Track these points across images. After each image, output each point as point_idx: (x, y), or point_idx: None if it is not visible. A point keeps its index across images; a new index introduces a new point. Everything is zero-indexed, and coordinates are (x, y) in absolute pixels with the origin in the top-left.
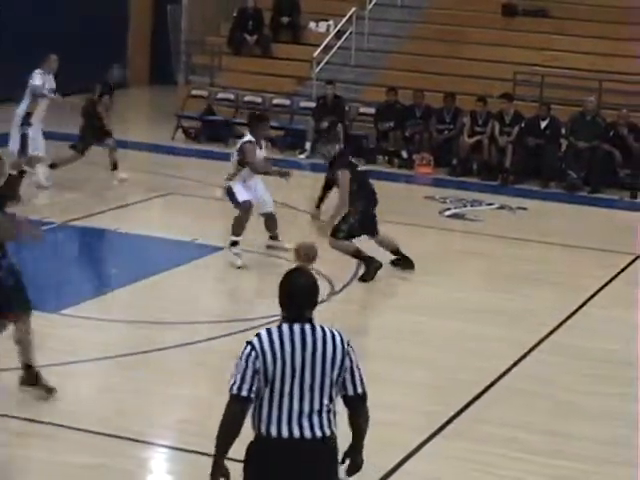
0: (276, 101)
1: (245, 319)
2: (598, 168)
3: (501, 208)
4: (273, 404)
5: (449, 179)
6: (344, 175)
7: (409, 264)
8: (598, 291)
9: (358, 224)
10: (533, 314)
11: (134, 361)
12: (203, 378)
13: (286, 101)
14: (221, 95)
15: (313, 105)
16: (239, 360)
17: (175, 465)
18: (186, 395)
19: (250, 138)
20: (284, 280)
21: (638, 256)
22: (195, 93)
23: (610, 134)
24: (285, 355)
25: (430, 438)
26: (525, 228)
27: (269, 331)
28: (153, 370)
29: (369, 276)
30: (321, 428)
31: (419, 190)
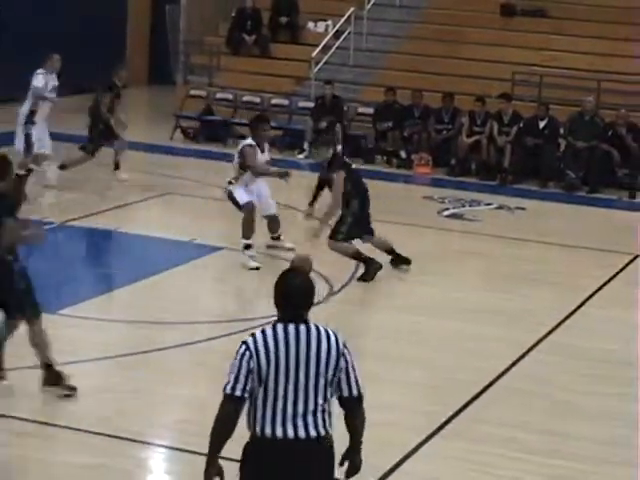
0: (275, 101)
1: (245, 319)
2: (596, 168)
3: (500, 208)
4: (267, 404)
5: (448, 179)
6: (339, 177)
7: (404, 260)
8: (597, 291)
9: (355, 224)
10: (531, 314)
11: (133, 361)
12: (203, 378)
13: (285, 101)
14: (220, 95)
15: (312, 105)
16: (234, 360)
17: (174, 465)
18: (186, 395)
19: (251, 142)
20: (280, 280)
21: (637, 256)
22: (194, 93)
23: (608, 134)
24: (279, 355)
25: (428, 438)
26: (524, 228)
27: (264, 331)
28: (153, 370)
29: (369, 276)
30: (316, 428)
31: (418, 190)
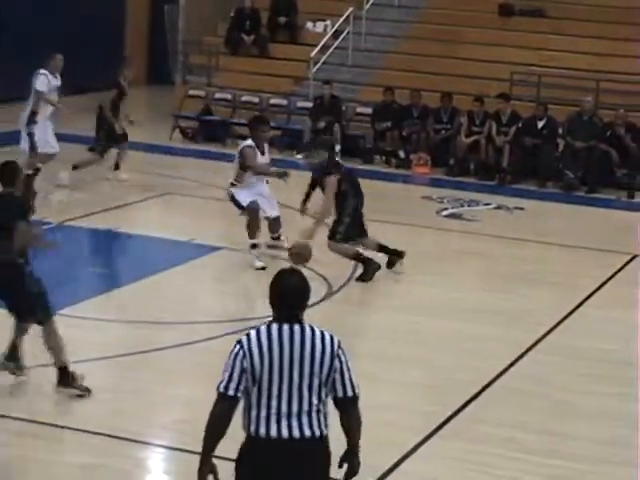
0: (273, 101)
1: (244, 319)
2: (595, 168)
3: (498, 208)
4: (262, 404)
5: (446, 179)
6: (330, 182)
7: (397, 253)
8: (595, 291)
9: (352, 225)
10: (530, 314)
11: (132, 361)
12: (201, 378)
13: (283, 101)
14: (218, 95)
15: (310, 105)
16: (228, 359)
17: (173, 465)
18: (184, 395)
19: (250, 143)
20: (275, 280)
21: (635, 256)
22: (192, 93)
23: (607, 134)
24: (273, 355)
25: (427, 438)
26: (522, 228)
27: (258, 331)
28: (151, 370)
29: (367, 276)
30: (311, 428)
31: (416, 190)
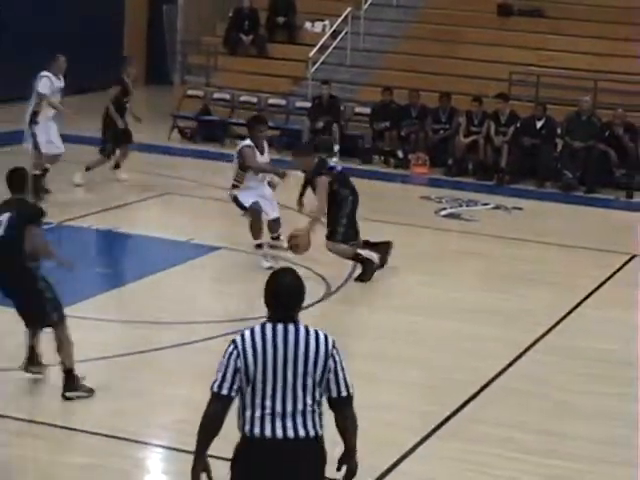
0: (272, 101)
1: (242, 319)
2: (594, 168)
3: (497, 208)
4: (256, 404)
5: (445, 179)
6: (322, 182)
7: (383, 245)
8: (594, 291)
9: (349, 226)
10: (529, 314)
11: (131, 361)
12: (200, 378)
13: (282, 101)
14: (217, 95)
15: (309, 105)
16: (222, 358)
17: (172, 465)
18: (183, 395)
19: (249, 143)
20: (270, 280)
21: (634, 256)
22: (191, 93)
23: (606, 134)
24: (266, 355)
25: (425, 438)
26: (521, 228)
27: (252, 331)
28: (150, 370)
29: (366, 276)
30: (305, 428)
31: (415, 190)
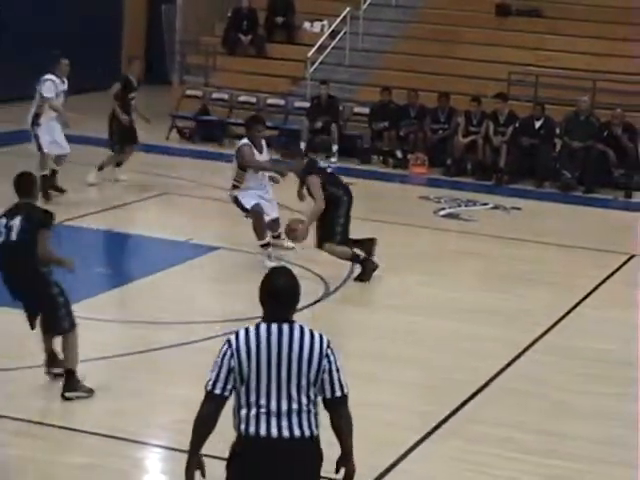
0: (270, 101)
1: (241, 319)
2: (592, 168)
3: (495, 208)
4: (251, 403)
5: (443, 179)
6: (313, 180)
7: (368, 241)
8: (593, 291)
9: (346, 227)
10: (528, 314)
11: (130, 361)
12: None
13: (280, 101)
14: (215, 95)
15: (307, 105)
16: (216, 357)
17: (171, 465)
18: (182, 395)
19: (247, 142)
20: (265, 279)
21: (633, 256)
22: (189, 93)
23: (604, 134)
24: (260, 354)
25: (425, 438)
26: (520, 228)
27: (247, 330)
28: (149, 370)
29: (366, 276)
30: (300, 428)
31: (413, 190)
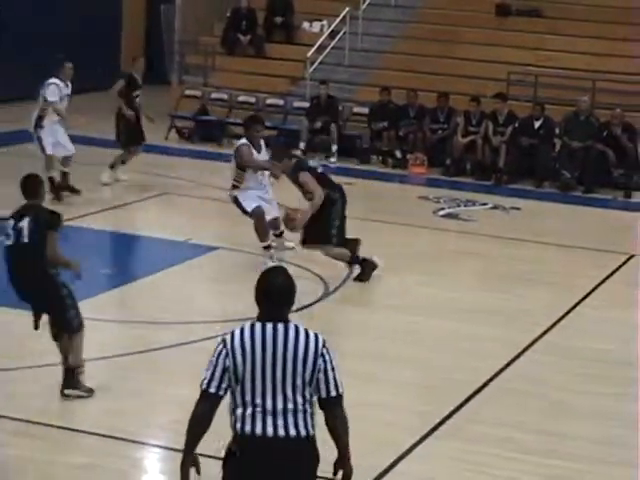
0: (270, 101)
1: (241, 319)
2: (592, 168)
3: (495, 208)
4: (246, 402)
5: (443, 179)
6: (304, 175)
7: (353, 240)
8: (592, 291)
9: (342, 228)
10: (527, 314)
11: (129, 361)
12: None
13: (280, 101)
14: (215, 95)
15: (307, 105)
16: (212, 357)
17: (170, 465)
18: (181, 395)
19: (245, 141)
20: (261, 278)
21: (632, 256)
22: (188, 93)
23: (604, 134)
24: (255, 354)
25: (424, 438)
26: (519, 228)
27: (242, 329)
28: (149, 370)
29: (365, 276)
30: (296, 428)
31: (413, 190)
